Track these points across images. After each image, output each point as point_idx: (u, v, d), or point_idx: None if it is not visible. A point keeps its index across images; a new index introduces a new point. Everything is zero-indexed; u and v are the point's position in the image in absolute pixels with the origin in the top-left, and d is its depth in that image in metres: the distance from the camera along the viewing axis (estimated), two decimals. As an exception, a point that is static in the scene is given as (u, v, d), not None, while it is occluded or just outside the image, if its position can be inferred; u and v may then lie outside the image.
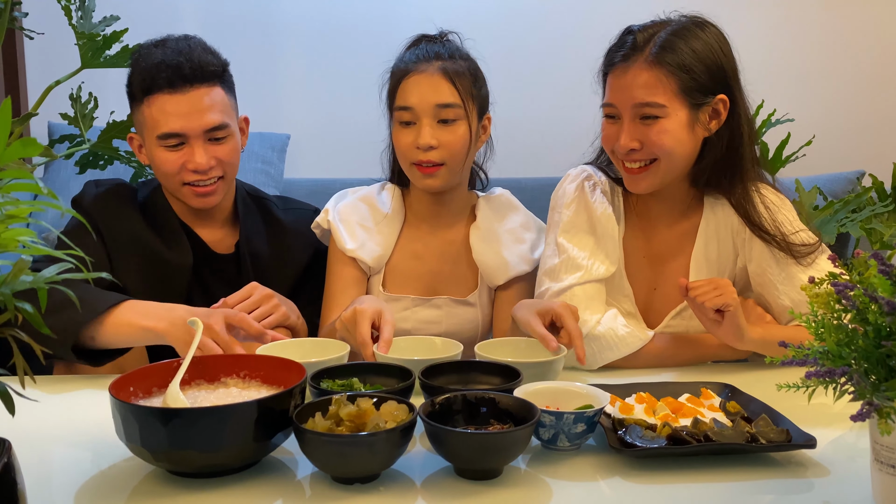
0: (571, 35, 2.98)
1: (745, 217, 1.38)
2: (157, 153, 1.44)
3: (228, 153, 1.46)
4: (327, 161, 2.91)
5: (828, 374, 0.77)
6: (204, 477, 0.88)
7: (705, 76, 1.31)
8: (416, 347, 1.24)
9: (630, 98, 1.32)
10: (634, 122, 1.33)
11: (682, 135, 1.32)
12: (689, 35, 1.32)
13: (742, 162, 1.38)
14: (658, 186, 1.38)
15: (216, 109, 1.43)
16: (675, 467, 0.91)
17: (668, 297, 1.44)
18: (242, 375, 1.04)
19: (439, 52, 1.47)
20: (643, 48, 1.32)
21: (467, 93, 1.45)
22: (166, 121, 1.40)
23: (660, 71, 1.30)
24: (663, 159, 1.33)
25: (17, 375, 0.67)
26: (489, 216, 1.56)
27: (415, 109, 1.44)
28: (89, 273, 0.64)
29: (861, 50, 3.00)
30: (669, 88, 1.30)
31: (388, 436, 0.85)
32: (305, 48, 3.05)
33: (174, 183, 1.45)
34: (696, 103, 1.32)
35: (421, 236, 1.56)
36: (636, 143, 1.33)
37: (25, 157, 0.63)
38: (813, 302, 0.82)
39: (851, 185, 2.36)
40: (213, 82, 1.44)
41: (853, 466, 0.92)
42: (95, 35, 1.69)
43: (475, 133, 1.48)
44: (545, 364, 1.15)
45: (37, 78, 2.67)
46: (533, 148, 3.02)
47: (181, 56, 1.41)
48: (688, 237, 1.45)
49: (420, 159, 1.44)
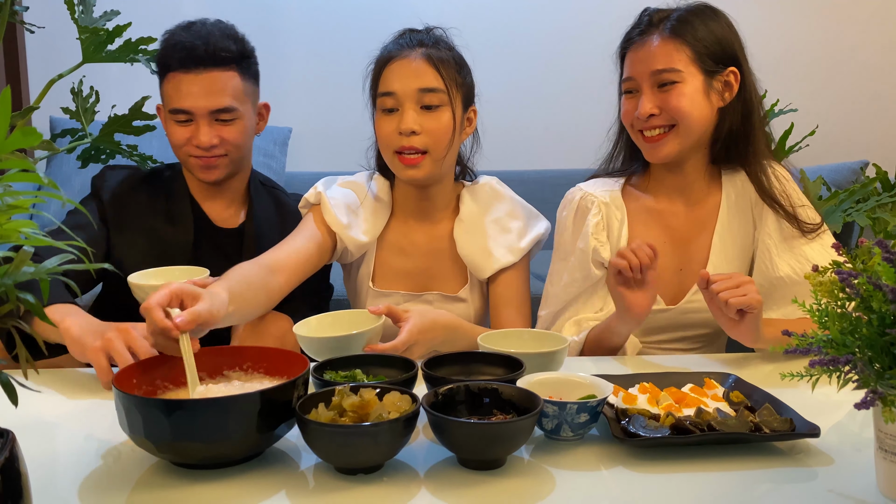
0: (577, 27, 2.97)
1: (758, 184, 1.44)
2: (169, 125, 1.55)
3: (233, 134, 1.53)
4: (329, 155, 2.91)
5: (832, 362, 0.77)
6: (208, 468, 0.88)
7: (717, 47, 1.40)
8: (334, 324, 1.28)
9: (648, 67, 1.39)
10: (653, 90, 1.40)
11: (698, 99, 1.39)
12: (702, 15, 1.41)
13: (755, 132, 1.44)
14: (677, 154, 1.42)
15: (226, 93, 1.50)
16: (679, 457, 0.91)
17: (695, 275, 1.45)
18: (245, 368, 1.04)
19: (423, 40, 1.46)
20: (658, 24, 1.41)
21: (451, 79, 1.43)
22: (178, 98, 1.50)
23: (675, 40, 1.38)
24: (681, 123, 1.39)
25: (20, 366, 0.67)
26: (473, 208, 1.54)
27: (397, 95, 1.42)
28: (90, 264, 0.64)
29: (865, 40, 2.99)
30: (685, 54, 1.38)
31: (392, 426, 0.85)
32: (307, 42, 3.05)
33: (182, 154, 1.55)
34: (709, 70, 1.39)
35: (408, 232, 1.55)
36: (656, 109, 1.39)
37: (26, 149, 0.63)
38: (817, 290, 0.82)
39: (855, 174, 2.36)
40: (228, 66, 1.51)
41: (857, 455, 0.92)
42: (98, 29, 1.69)
43: (459, 122, 1.46)
44: (548, 355, 1.15)
45: (38, 72, 2.67)
46: (536, 141, 3.02)
47: (199, 39, 1.50)
48: (710, 215, 1.48)
49: (403, 145, 1.42)
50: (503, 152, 2.59)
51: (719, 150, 1.46)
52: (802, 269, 1.40)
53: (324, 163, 2.86)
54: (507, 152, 2.71)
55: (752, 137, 1.44)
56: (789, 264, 1.41)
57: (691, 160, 1.46)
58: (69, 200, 0.61)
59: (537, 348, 1.17)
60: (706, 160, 1.48)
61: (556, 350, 1.15)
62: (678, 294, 1.47)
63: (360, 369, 1.07)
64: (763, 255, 1.44)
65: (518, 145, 2.93)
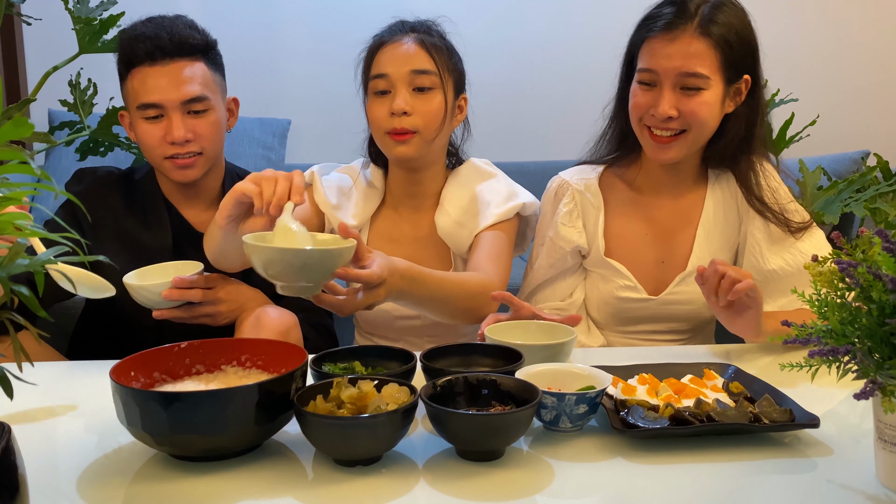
0: (578, 21, 2.96)
1: (747, 188, 1.42)
2: (138, 126, 1.47)
3: (206, 127, 1.47)
4: (328, 146, 2.91)
5: (831, 352, 0.76)
6: (206, 461, 0.88)
7: (742, 53, 1.34)
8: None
9: (677, 67, 1.32)
10: (675, 90, 1.33)
11: (716, 108, 1.35)
12: (727, 10, 1.34)
13: (753, 139, 1.41)
14: (682, 158, 1.40)
15: (195, 82, 1.45)
16: (678, 448, 0.91)
17: (678, 268, 1.45)
18: (243, 361, 1.04)
19: (415, 27, 1.48)
20: (692, 17, 1.31)
21: (443, 64, 1.44)
22: (145, 92, 1.44)
23: (708, 42, 1.31)
24: (694, 131, 1.35)
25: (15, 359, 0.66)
26: (454, 190, 1.54)
27: (389, 76, 1.42)
28: (84, 256, 0.63)
29: (865, 30, 2.98)
30: (716, 60, 1.32)
31: (390, 418, 0.84)
32: (306, 33, 3.04)
33: (157, 157, 1.48)
34: (730, 79, 1.35)
35: (398, 221, 1.56)
36: (675, 111, 1.33)
37: (20, 141, 0.63)
38: (816, 280, 0.81)
39: (856, 164, 2.35)
40: (194, 57, 1.46)
41: (857, 445, 0.92)
42: (92, 20, 1.68)
43: (451, 108, 1.47)
44: (556, 346, 1.14)
45: (36, 64, 2.66)
46: (537, 132, 3.01)
47: (162, 30, 1.44)
48: (694, 208, 1.47)
49: (394, 126, 1.42)
50: (501, 143, 2.58)
51: (714, 152, 1.43)
52: (794, 261, 1.39)
53: (323, 154, 2.85)
54: (505, 143, 2.71)
55: (749, 146, 1.41)
56: (781, 256, 1.40)
57: (687, 160, 1.44)
58: (62, 192, 0.61)
59: (545, 340, 1.16)
60: (699, 160, 1.47)
61: (563, 342, 1.14)
62: (659, 286, 1.47)
63: (359, 361, 1.07)
64: (753, 248, 1.43)
65: (516, 136, 2.92)
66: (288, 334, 1.36)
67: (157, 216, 1.52)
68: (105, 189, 1.53)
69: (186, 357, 1.02)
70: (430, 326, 1.53)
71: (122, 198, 1.53)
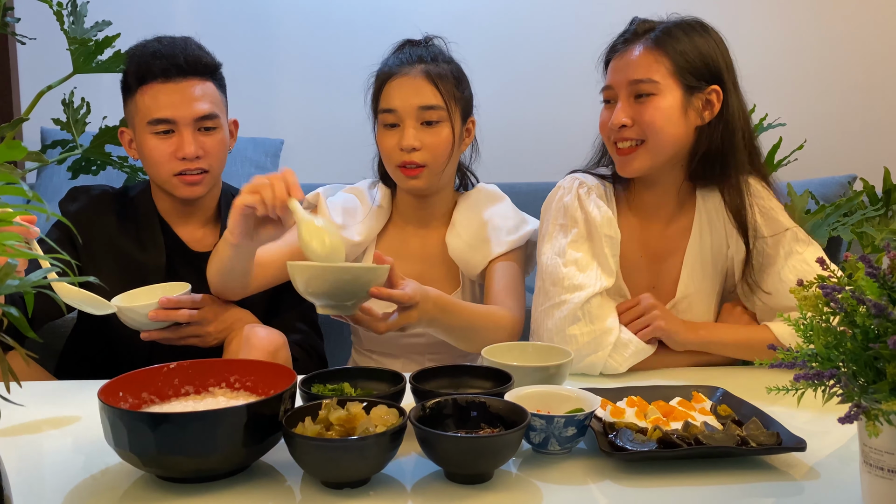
0: (568, 39, 3.00)
1: (735, 214, 1.41)
2: (147, 141, 1.47)
3: (215, 146, 1.50)
4: (321, 166, 2.92)
5: (816, 376, 0.77)
6: (194, 482, 0.88)
7: (700, 62, 1.37)
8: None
9: (626, 76, 1.37)
10: (629, 100, 1.38)
11: (674, 115, 1.36)
12: (690, 30, 1.39)
13: (736, 153, 1.40)
14: (648, 169, 1.40)
15: (207, 100, 1.48)
16: (666, 471, 0.91)
17: (668, 294, 1.46)
18: (232, 382, 1.03)
19: (422, 56, 1.50)
20: (643, 34, 1.39)
21: (450, 95, 1.48)
22: (158, 108, 1.45)
23: (656, 51, 1.36)
24: (651, 138, 1.36)
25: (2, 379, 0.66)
26: (465, 213, 1.57)
27: (398, 111, 1.47)
28: (75, 276, 0.64)
29: (853, 54, 3.02)
30: (664, 67, 1.35)
31: (378, 440, 0.84)
32: (299, 53, 3.06)
33: (164, 173, 1.48)
34: (689, 86, 1.36)
35: (405, 238, 1.58)
36: (628, 120, 1.37)
37: (12, 161, 0.63)
38: (801, 305, 0.82)
39: (843, 188, 2.37)
40: (205, 77, 1.49)
41: (843, 469, 0.92)
42: (87, 40, 1.69)
43: (458, 135, 1.51)
44: (552, 368, 1.13)
45: (29, 84, 2.66)
46: (528, 153, 3.03)
47: (176, 49, 1.47)
48: (683, 233, 1.48)
49: (404, 160, 1.47)
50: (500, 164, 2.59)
51: (696, 168, 1.42)
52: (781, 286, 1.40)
53: (315, 174, 2.86)
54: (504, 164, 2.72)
55: (730, 158, 1.40)
56: (779, 276, 1.39)
57: (667, 178, 1.44)
58: (54, 214, 0.61)
59: (542, 362, 1.16)
60: (682, 178, 1.45)
61: (560, 364, 1.13)
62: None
63: (348, 382, 1.07)
64: (739, 270, 1.44)
65: (510, 158, 2.94)
66: (276, 354, 1.36)
67: (152, 234, 1.52)
68: (100, 207, 1.54)
69: (175, 378, 1.01)
70: (433, 345, 1.54)
71: (117, 216, 1.53)
